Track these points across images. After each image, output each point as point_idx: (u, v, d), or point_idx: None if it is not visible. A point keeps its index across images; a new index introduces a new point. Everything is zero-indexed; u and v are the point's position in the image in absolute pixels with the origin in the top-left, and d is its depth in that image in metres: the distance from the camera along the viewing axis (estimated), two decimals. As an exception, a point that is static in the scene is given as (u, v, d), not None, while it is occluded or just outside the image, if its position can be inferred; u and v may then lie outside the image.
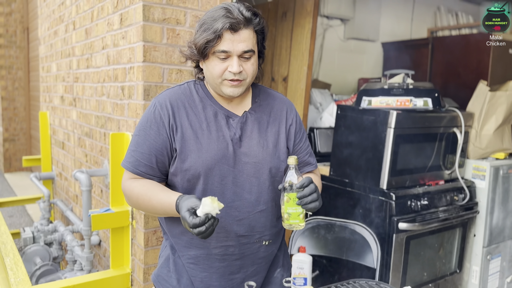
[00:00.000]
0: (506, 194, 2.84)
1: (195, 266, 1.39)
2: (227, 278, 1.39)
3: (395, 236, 2.29)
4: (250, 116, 1.41)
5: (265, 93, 1.49)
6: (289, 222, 1.27)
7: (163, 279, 1.46)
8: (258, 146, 1.38)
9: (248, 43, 1.29)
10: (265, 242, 1.41)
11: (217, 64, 1.29)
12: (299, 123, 1.51)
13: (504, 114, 2.73)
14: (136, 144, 1.36)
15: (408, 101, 2.37)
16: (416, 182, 2.51)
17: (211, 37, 1.26)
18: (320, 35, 4.17)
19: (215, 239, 1.35)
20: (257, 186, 1.37)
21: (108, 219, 2.17)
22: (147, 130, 1.35)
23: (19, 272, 2.25)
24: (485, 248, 2.78)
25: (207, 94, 1.40)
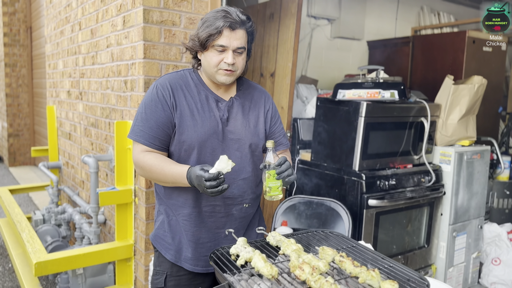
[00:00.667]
0: (470, 178, 3.15)
1: (188, 222, 1.68)
2: (213, 232, 1.69)
3: (365, 211, 2.61)
4: (235, 101, 1.71)
5: (247, 84, 1.81)
6: (270, 194, 1.55)
7: (159, 238, 1.76)
8: (241, 126, 1.69)
9: (242, 41, 1.59)
10: (245, 204, 1.72)
11: (215, 55, 1.58)
12: (275, 109, 1.83)
13: (467, 105, 3.04)
14: (143, 120, 1.61)
15: (377, 93, 2.68)
16: (386, 165, 2.82)
17: (213, 32, 1.55)
18: (308, 34, 4.48)
19: (205, 199, 1.65)
20: (240, 158, 1.67)
21: (114, 196, 2.48)
22: (153, 108, 1.61)
23: (35, 244, 2.56)
24: (451, 225, 3.10)
25: (200, 81, 1.69)
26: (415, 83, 4.21)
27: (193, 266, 1.69)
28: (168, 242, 1.73)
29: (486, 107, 3.74)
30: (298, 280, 1.19)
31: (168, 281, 1.71)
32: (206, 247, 1.69)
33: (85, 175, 3.47)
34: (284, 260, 1.33)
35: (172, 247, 1.72)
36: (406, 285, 1.15)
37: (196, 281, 1.72)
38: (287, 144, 1.87)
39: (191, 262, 1.69)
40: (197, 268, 1.70)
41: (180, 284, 1.72)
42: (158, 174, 1.58)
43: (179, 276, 1.71)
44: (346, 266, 1.22)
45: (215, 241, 1.70)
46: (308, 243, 1.45)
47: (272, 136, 1.81)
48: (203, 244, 1.69)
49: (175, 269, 1.72)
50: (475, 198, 3.22)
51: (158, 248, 1.76)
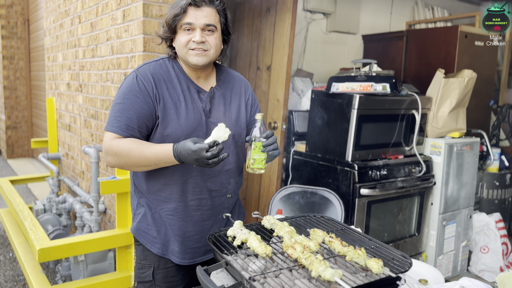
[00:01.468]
0: (460, 168, 3.25)
1: (173, 217, 1.64)
2: (200, 224, 1.67)
3: (357, 200, 2.70)
4: (216, 92, 1.67)
5: (226, 72, 1.77)
6: (253, 167, 1.54)
7: (143, 232, 1.70)
8: (224, 117, 1.66)
9: (210, 18, 1.54)
10: (229, 195, 1.72)
11: (183, 36, 1.54)
12: (254, 97, 1.82)
13: (457, 98, 3.13)
14: (121, 111, 1.52)
15: (370, 86, 2.77)
16: (378, 156, 2.92)
17: (177, 11, 1.52)
18: (304, 28, 4.55)
19: (192, 193, 1.63)
20: (226, 148, 1.63)
21: (114, 185, 2.56)
22: (133, 98, 1.53)
23: (38, 231, 2.65)
24: (441, 215, 3.20)
25: (181, 70, 1.63)
26: (409, 76, 4.29)
27: (180, 259, 1.68)
28: (153, 235, 1.69)
29: (478, 100, 3.84)
30: (290, 258, 1.28)
31: (156, 273, 1.70)
32: (192, 240, 1.68)
33: (85, 165, 3.54)
34: (278, 241, 1.42)
35: (158, 240, 1.69)
36: (390, 263, 1.25)
37: (183, 271, 1.73)
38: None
39: (178, 255, 1.68)
40: (184, 261, 1.69)
41: (168, 276, 1.71)
42: (138, 158, 1.49)
43: (166, 269, 1.70)
44: (335, 246, 1.31)
45: (201, 233, 1.69)
46: (301, 226, 1.54)
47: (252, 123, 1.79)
48: (190, 237, 1.68)
49: (162, 261, 1.70)
50: (464, 188, 3.32)
51: (142, 242, 1.72)
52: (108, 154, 1.55)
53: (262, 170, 1.56)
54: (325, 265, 1.14)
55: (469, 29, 3.98)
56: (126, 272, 2.72)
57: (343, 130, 2.78)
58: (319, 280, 1.17)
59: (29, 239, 2.57)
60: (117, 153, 1.52)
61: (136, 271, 1.76)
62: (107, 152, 1.55)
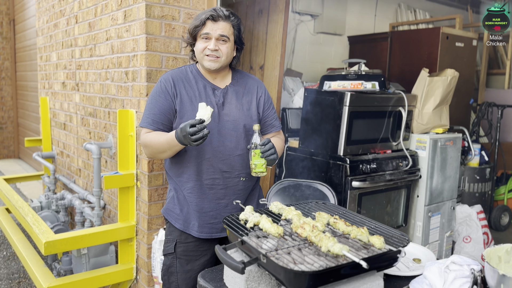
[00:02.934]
0: (444, 162, 3.44)
1: (192, 195, 1.93)
2: (214, 202, 1.94)
3: (349, 192, 2.85)
4: (230, 88, 1.98)
5: (242, 74, 2.08)
6: (255, 171, 1.81)
7: (170, 210, 2.04)
8: (236, 109, 1.95)
9: (224, 30, 1.85)
10: (242, 178, 1.97)
11: (201, 43, 1.88)
12: (268, 95, 2.10)
13: (441, 95, 3.32)
14: (149, 109, 1.90)
15: (360, 84, 2.92)
16: (368, 151, 3.07)
17: (198, 23, 1.86)
18: (293, 29, 4.70)
19: (206, 173, 1.91)
20: (235, 137, 1.93)
21: (117, 180, 2.65)
22: (157, 98, 1.90)
23: (41, 226, 2.71)
24: (426, 206, 3.37)
25: (198, 73, 1.97)
26: (393, 76, 4.48)
27: (199, 232, 1.94)
28: (177, 213, 1.99)
29: (458, 98, 4.04)
30: (299, 238, 1.41)
31: (177, 247, 1.97)
32: (209, 216, 1.94)
33: (82, 163, 3.61)
34: (286, 224, 1.54)
35: (180, 217, 1.97)
36: (390, 240, 1.39)
37: (202, 248, 1.97)
38: (279, 126, 2.13)
39: (197, 229, 1.94)
40: (202, 234, 1.94)
41: (188, 250, 1.97)
42: (158, 145, 1.82)
43: (187, 243, 1.97)
44: (339, 226, 1.45)
45: (216, 210, 1.94)
46: (306, 211, 1.67)
47: (266, 119, 2.07)
48: (206, 213, 1.94)
49: (183, 236, 1.97)
50: (448, 181, 3.51)
51: (168, 219, 2.02)
52: (143, 146, 1.92)
53: (264, 173, 1.82)
54: (333, 240, 1.27)
55: (450, 30, 4.19)
56: (128, 264, 2.81)
57: (335, 126, 2.93)
58: (327, 255, 1.30)
59: (33, 234, 2.64)
60: (146, 144, 1.88)
61: (163, 245, 2.04)
62: (142, 145, 1.92)
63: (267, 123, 2.08)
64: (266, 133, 2.11)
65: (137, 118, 2.64)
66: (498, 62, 5.99)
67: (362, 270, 1.27)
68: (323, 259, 1.28)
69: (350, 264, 1.22)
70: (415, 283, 1.44)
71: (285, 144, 3.39)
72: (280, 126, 2.13)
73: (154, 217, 2.65)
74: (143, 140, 1.89)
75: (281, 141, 2.14)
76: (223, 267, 1.54)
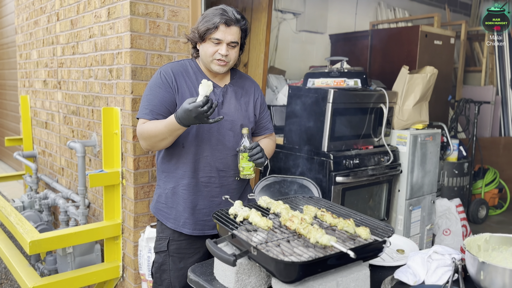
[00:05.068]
0: (424, 157, 3.53)
1: (187, 191, 1.92)
2: (209, 200, 1.95)
3: (333, 187, 2.91)
4: (229, 88, 1.97)
5: (240, 74, 2.09)
6: (243, 173, 1.85)
7: (159, 210, 2.01)
8: (234, 109, 1.96)
9: (235, 36, 1.83)
10: (237, 178, 1.98)
11: (211, 46, 1.83)
12: (263, 98, 2.14)
13: (420, 92, 3.40)
14: (148, 101, 1.85)
15: (343, 82, 2.98)
16: (351, 147, 3.14)
17: (210, 26, 1.79)
18: (275, 28, 4.73)
19: (202, 171, 1.92)
20: (233, 137, 1.94)
21: (102, 178, 2.64)
22: (157, 89, 1.85)
23: (25, 225, 2.69)
24: (407, 200, 3.46)
25: (199, 69, 1.94)
26: (374, 73, 4.57)
27: (191, 230, 1.94)
28: (167, 212, 1.98)
29: (437, 95, 4.15)
30: (288, 230, 1.45)
31: (170, 245, 1.96)
32: (202, 213, 1.94)
33: (65, 162, 3.57)
34: (275, 217, 1.58)
35: (171, 216, 1.96)
36: (375, 230, 1.43)
37: (195, 245, 1.97)
38: (272, 128, 2.18)
39: (189, 227, 1.94)
40: (195, 231, 1.94)
41: (180, 247, 1.96)
42: (156, 132, 1.77)
43: (179, 241, 1.96)
44: (327, 218, 1.49)
45: (210, 208, 1.95)
46: (293, 204, 1.71)
47: (261, 121, 2.10)
48: (200, 210, 1.94)
49: (176, 234, 1.96)
50: (428, 176, 3.60)
51: (159, 218, 2.01)
52: (139, 138, 1.86)
53: (252, 175, 1.86)
54: (322, 232, 1.31)
55: (429, 29, 4.30)
56: (114, 262, 2.81)
57: (319, 122, 2.98)
58: (316, 246, 1.34)
59: (17, 233, 2.61)
60: (143, 134, 1.82)
61: (155, 243, 2.03)
62: (139, 136, 1.86)
63: (261, 125, 2.11)
64: (260, 135, 2.14)
65: (121, 116, 2.64)
66: (474, 59, 6.16)
67: (350, 260, 1.31)
68: (312, 250, 1.31)
69: (338, 254, 1.26)
70: (399, 273, 1.49)
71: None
72: (272, 128, 2.18)
73: (140, 215, 2.65)
74: (139, 130, 1.84)
75: (273, 142, 2.18)
76: (213, 262, 1.56)
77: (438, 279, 1.46)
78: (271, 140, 2.18)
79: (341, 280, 1.31)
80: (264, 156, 1.85)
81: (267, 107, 3.47)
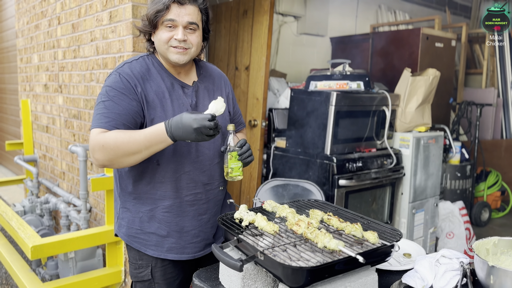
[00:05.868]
0: (426, 160, 3.51)
1: (170, 214, 1.66)
2: (196, 219, 1.71)
3: (336, 190, 2.89)
4: (200, 85, 1.70)
5: (205, 66, 1.79)
6: (232, 175, 1.63)
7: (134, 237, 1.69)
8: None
9: (193, 16, 1.54)
10: (221, 187, 1.78)
11: (164, 32, 1.54)
12: (232, 91, 1.88)
13: (423, 95, 3.39)
14: (107, 107, 1.48)
15: (345, 84, 2.97)
16: (353, 150, 3.12)
17: (160, 7, 1.50)
18: (276, 31, 4.73)
19: (186, 189, 1.66)
20: (213, 143, 1.69)
21: (104, 182, 2.63)
22: (119, 95, 1.50)
23: (27, 230, 2.67)
24: (410, 203, 3.44)
25: (161, 67, 1.63)
26: (375, 76, 4.55)
27: (179, 254, 1.70)
28: (145, 239, 1.69)
29: (438, 98, 4.14)
30: (294, 235, 1.43)
31: (154, 272, 1.70)
32: (191, 235, 1.71)
33: (66, 166, 3.56)
34: (281, 222, 1.56)
35: (151, 243, 1.68)
36: (383, 234, 1.42)
37: (178, 266, 1.74)
38: (244, 123, 1.97)
39: (176, 251, 1.70)
40: (184, 255, 1.71)
41: (166, 273, 1.72)
42: (127, 144, 1.43)
43: (164, 266, 1.71)
44: (333, 222, 1.47)
45: (199, 227, 1.72)
46: (299, 208, 1.69)
47: (235, 116, 1.87)
48: (188, 232, 1.70)
49: (159, 261, 1.70)
50: (431, 178, 3.59)
51: (135, 247, 1.70)
52: (95, 150, 1.46)
53: (240, 176, 1.66)
54: (329, 236, 1.30)
55: (430, 31, 4.29)
56: (116, 267, 2.78)
57: (322, 125, 2.96)
58: (324, 251, 1.32)
59: (19, 238, 2.59)
60: (104, 145, 1.44)
61: (132, 271, 1.75)
62: (94, 149, 1.47)
63: (235, 121, 1.88)
64: (236, 131, 1.89)
65: (124, 120, 2.62)
66: (475, 62, 6.15)
67: (358, 265, 1.29)
68: (320, 254, 1.30)
69: (346, 259, 1.24)
70: (407, 277, 1.47)
71: (272, 144, 3.42)
72: (244, 122, 1.98)
73: (142, 219, 2.63)
74: (97, 141, 1.45)
75: (245, 136, 1.98)
76: (217, 266, 1.54)
77: (446, 283, 1.44)
78: (244, 135, 1.98)
79: (350, 285, 1.29)
80: (252, 155, 1.65)
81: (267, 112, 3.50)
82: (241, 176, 1.66)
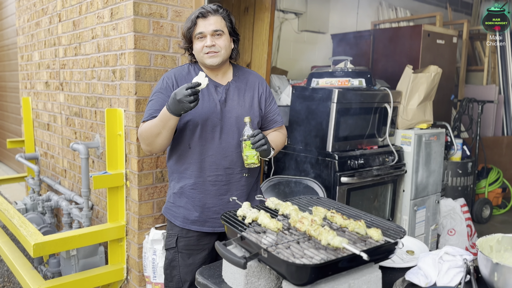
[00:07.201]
0: (428, 157, 3.51)
1: (195, 191, 1.96)
2: (217, 198, 1.97)
3: (338, 188, 2.89)
4: (232, 85, 1.99)
5: (243, 70, 2.10)
6: (247, 162, 1.84)
7: (168, 209, 2.07)
8: (238, 105, 1.98)
9: (217, 24, 1.87)
10: (245, 174, 2.00)
11: (198, 43, 1.90)
12: (269, 91, 2.13)
13: (424, 92, 3.38)
14: (151, 105, 1.91)
15: (347, 81, 2.96)
16: (355, 147, 3.12)
17: (189, 24, 1.89)
18: (277, 28, 4.71)
19: (209, 170, 1.94)
20: (237, 134, 1.95)
21: (106, 179, 2.63)
22: (159, 95, 1.92)
23: (29, 228, 2.67)
24: (412, 200, 3.44)
25: (200, 70, 1.96)
26: (376, 73, 4.54)
27: (200, 227, 1.98)
28: (175, 211, 2.03)
29: (439, 95, 4.13)
30: (297, 232, 1.42)
31: (179, 242, 2.01)
32: (211, 211, 1.97)
33: (68, 163, 3.55)
34: (284, 219, 1.56)
35: (179, 215, 2.01)
36: (387, 232, 1.42)
37: (203, 242, 2.00)
38: (281, 121, 2.18)
39: (198, 224, 1.98)
40: (204, 228, 1.98)
41: (189, 244, 2.00)
42: (151, 127, 1.81)
43: (188, 237, 2.00)
44: (337, 220, 1.47)
45: (220, 206, 1.97)
46: (302, 206, 1.69)
47: (268, 114, 2.11)
48: (209, 208, 1.97)
49: (184, 231, 2.00)
50: (432, 175, 3.58)
51: (168, 217, 2.06)
52: (140, 139, 1.91)
53: (257, 164, 1.85)
54: (333, 234, 1.29)
55: (431, 28, 4.28)
56: (118, 265, 2.79)
57: (324, 122, 2.96)
58: (327, 248, 1.32)
59: (21, 236, 2.59)
60: (140, 134, 1.88)
61: (165, 241, 2.09)
62: (139, 138, 1.91)
63: (269, 119, 2.12)
64: (268, 128, 2.14)
65: (125, 117, 2.62)
66: (476, 59, 6.14)
67: (361, 262, 1.29)
68: (323, 252, 1.29)
69: (350, 257, 1.24)
70: (410, 274, 1.47)
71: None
72: (282, 121, 2.17)
73: (144, 217, 2.63)
74: (139, 131, 1.90)
75: (283, 135, 2.17)
76: (221, 264, 1.54)
77: (450, 280, 1.44)
78: (280, 133, 2.17)
79: (353, 282, 1.29)
80: (267, 144, 1.83)
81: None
82: (257, 164, 1.85)
